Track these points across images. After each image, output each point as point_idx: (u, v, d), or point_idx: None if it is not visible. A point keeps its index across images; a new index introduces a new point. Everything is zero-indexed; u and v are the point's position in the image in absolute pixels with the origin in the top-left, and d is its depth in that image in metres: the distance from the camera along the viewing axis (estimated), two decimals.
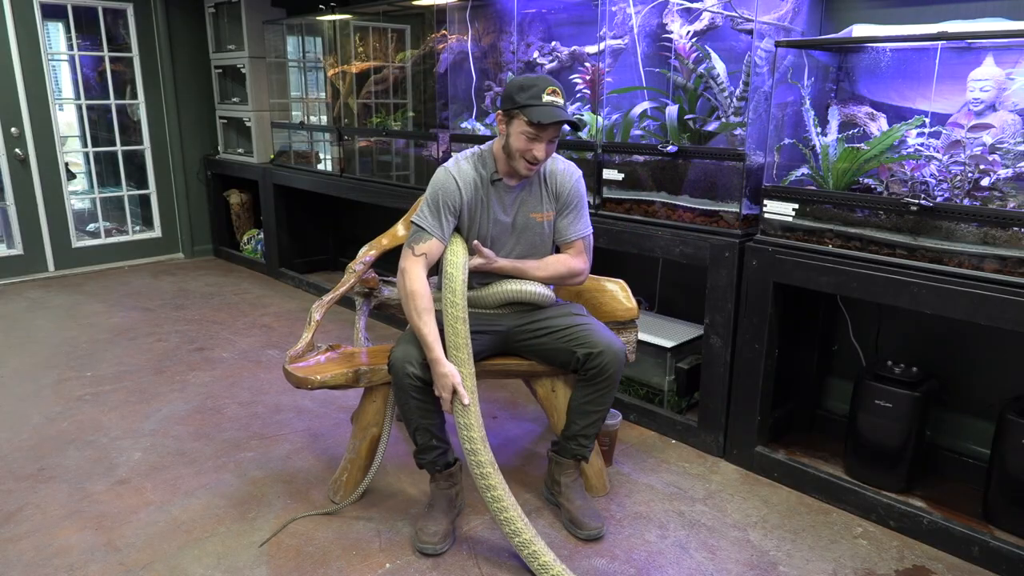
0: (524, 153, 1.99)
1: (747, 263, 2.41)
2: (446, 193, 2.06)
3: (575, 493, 2.21)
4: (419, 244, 2.04)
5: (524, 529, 1.93)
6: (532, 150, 1.98)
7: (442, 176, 2.08)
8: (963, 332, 2.41)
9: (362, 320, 2.64)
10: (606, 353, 2.05)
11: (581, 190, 2.19)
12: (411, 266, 2.03)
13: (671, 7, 2.76)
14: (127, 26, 5.10)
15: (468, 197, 2.08)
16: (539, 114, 1.92)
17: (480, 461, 1.97)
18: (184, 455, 2.61)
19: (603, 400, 2.12)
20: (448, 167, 2.09)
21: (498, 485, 1.96)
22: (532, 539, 1.92)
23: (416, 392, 1.99)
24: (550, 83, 1.97)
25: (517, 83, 1.99)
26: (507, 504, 1.95)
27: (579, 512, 2.16)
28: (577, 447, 2.18)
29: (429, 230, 2.04)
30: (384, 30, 4.39)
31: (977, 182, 2.03)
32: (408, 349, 2.00)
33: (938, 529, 2.11)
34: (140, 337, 3.83)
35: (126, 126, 5.42)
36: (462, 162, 2.11)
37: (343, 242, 5.39)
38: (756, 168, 2.49)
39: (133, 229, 5.51)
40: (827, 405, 2.82)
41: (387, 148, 4.20)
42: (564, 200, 2.16)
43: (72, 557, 2.03)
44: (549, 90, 1.95)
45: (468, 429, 1.97)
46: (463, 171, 2.08)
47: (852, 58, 2.48)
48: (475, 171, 2.10)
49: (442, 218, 2.05)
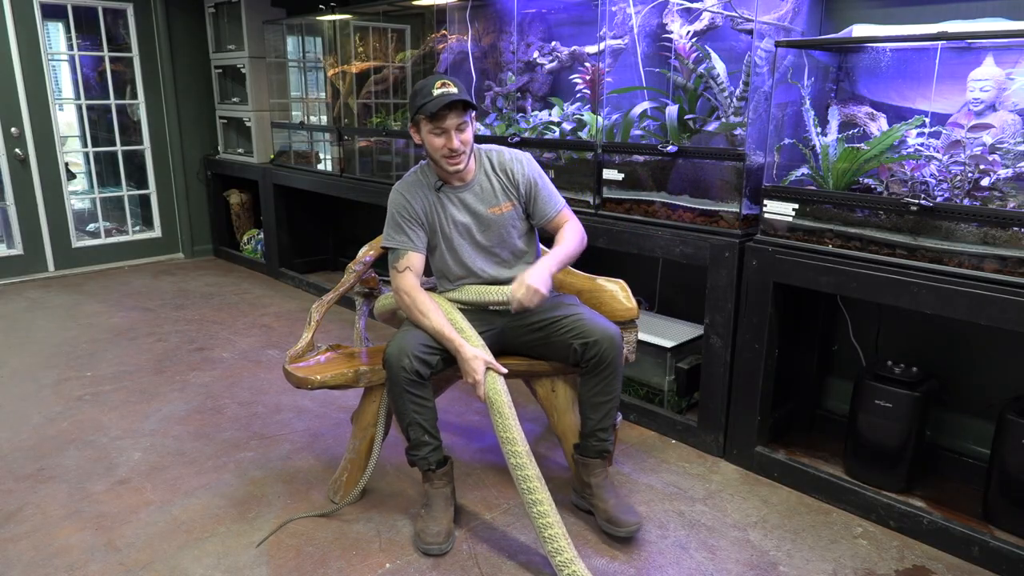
0: (440, 151, 2.06)
1: (747, 263, 2.41)
2: (398, 207, 2.17)
3: (607, 492, 2.16)
4: (398, 261, 2.16)
5: (567, 548, 1.88)
6: (445, 144, 2.05)
7: (392, 196, 2.20)
8: (963, 332, 2.41)
9: (362, 320, 2.64)
10: (602, 341, 2.05)
11: (535, 170, 2.24)
12: (401, 280, 2.14)
13: (671, 7, 2.76)
14: (127, 26, 5.10)
15: (420, 204, 2.17)
16: (431, 106, 1.99)
17: (527, 475, 1.92)
18: (184, 455, 2.61)
19: (610, 389, 2.11)
20: (395, 186, 2.21)
21: (544, 500, 1.91)
22: (573, 559, 1.86)
23: (410, 386, 2.00)
24: (438, 77, 2.05)
25: (412, 93, 2.09)
26: (552, 521, 1.90)
27: (615, 510, 2.12)
28: (597, 442, 2.15)
29: (400, 246, 2.16)
30: (384, 30, 4.39)
31: (977, 182, 2.03)
32: (403, 344, 2.01)
33: (938, 529, 2.10)
34: (140, 337, 3.83)
35: (126, 126, 5.43)
36: (407, 177, 2.22)
37: (343, 242, 5.39)
38: (756, 168, 2.49)
39: (133, 229, 5.51)
40: (827, 405, 2.82)
41: (387, 148, 4.20)
42: (525, 188, 2.22)
43: (72, 557, 2.03)
44: (438, 84, 2.02)
45: (512, 443, 1.94)
46: (408, 184, 2.19)
47: (852, 58, 2.48)
48: (420, 181, 2.20)
49: (406, 230, 2.16)
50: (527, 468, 1.93)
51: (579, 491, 2.25)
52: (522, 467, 1.93)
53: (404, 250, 2.14)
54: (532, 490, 1.92)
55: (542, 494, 1.92)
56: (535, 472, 1.93)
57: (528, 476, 1.92)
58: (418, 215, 2.16)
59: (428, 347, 2.04)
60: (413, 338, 2.04)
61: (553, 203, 2.24)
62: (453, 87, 2.02)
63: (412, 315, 2.10)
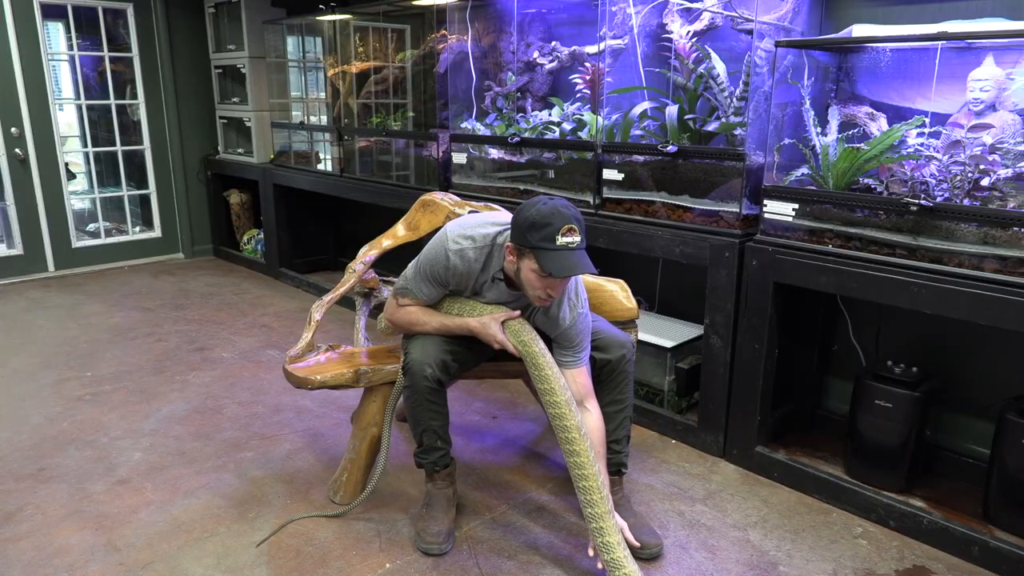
0: (536, 290, 1.84)
1: (747, 263, 2.41)
2: (436, 270, 1.97)
3: (624, 511, 2.09)
4: (404, 298, 2.07)
5: (599, 502, 1.81)
6: (546, 289, 1.82)
7: (442, 258, 1.95)
8: (963, 332, 2.41)
9: (362, 320, 2.64)
10: (616, 361, 2.04)
11: (579, 329, 1.98)
12: (398, 313, 2.08)
13: (671, 7, 2.76)
14: (127, 26, 5.10)
15: (456, 282, 2.00)
16: (552, 265, 1.74)
17: (566, 425, 1.86)
18: (184, 455, 2.61)
19: (623, 398, 2.09)
20: (450, 249, 1.93)
21: (583, 452, 1.84)
22: (604, 514, 1.81)
23: (430, 394, 1.99)
24: (566, 221, 1.74)
25: (527, 220, 1.77)
26: (588, 473, 1.84)
27: (634, 530, 2.00)
28: (612, 455, 2.10)
29: (416, 292, 2.04)
30: (384, 30, 4.39)
31: (977, 182, 2.03)
32: (426, 350, 1.99)
33: (938, 529, 2.10)
34: (140, 337, 3.83)
35: (126, 126, 5.42)
36: (468, 251, 1.94)
37: (343, 242, 5.39)
38: (756, 168, 2.49)
39: (133, 229, 5.51)
40: (827, 405, 2.82)
41: (387, 148, 4.20)
42: (559, 340, 2.00)
43: (72, 557, 2.03)
44: (565, 229, 1.74)
45: (551, 393, 1.88)
46: (465, 258, 1.94)
47: (852, 58, 2.48)
48: (479, 261, 1.95)
49: (429, 288, 2.02)
50: (567, 418, 1.87)
51: None
52: (561, 417, 1.87)
53: (416, 296, 2.04)
54: (571, 440, 1.86)
55: (581, 444, 1.86)
56: (575, 422, 1.87)
57: (568, 427, 1.86)
58: (446, 283, 2.00)
59: (449, 350, 2.02)
60: (434, 343, 2.01)
61: (571, 359, 2.01)
62: (578, 235, 1.76)
63: (413, 331, 2.07)
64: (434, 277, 2.00)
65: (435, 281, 2.01)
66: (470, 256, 1.94)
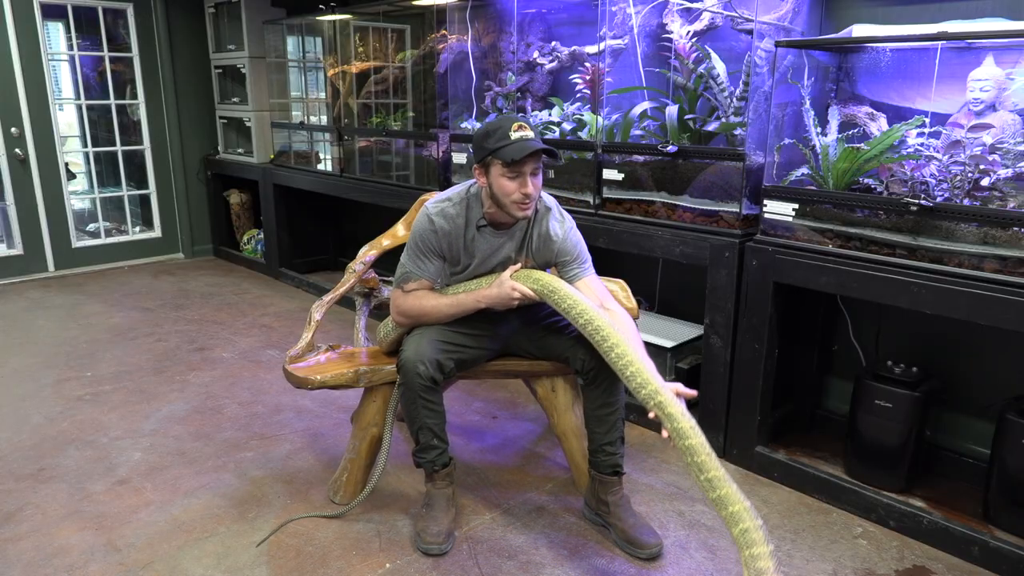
0: (512, 195, 1.94)
1: (747, 263, 2.41)
2: (423, 237, 2.06)
3: (624, 512, 2.12)
4: (408, 283, 2.09)
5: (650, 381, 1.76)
6: (519, 188, 1.94)
7: (421, 219, 2.08)
8: (963, 332, 2.41)
9: (362, 320, 2.64)
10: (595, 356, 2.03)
11: (573, 239, 2.10)
12: (405, 300, 2.09)
13: (671, 7, 2.76)
14: (127, 26, 5.10)
15: (447, 241, 2.06)
16: (511, 152, 1.88)
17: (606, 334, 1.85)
18: (184, 455, 2.61)
19: (614, 400, 2.08)
20: (431, 213, 2.06)
21: (628, 352, 1.81)
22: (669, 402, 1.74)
23: (424, 392, 1.99)
24: (513, 120, 1.94)
25: (481, 132, 1.97)
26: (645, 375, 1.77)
27: (633, 531, 2.07)
28: (606, 456, 2.10)
29: (415, 271, 2.08)
30: (384, 30, 4.39)
31: (977, 182, 2.03)
32: (420, 348, 1.99)
33: (938, 529, 2.10)
34: (140, 337, 3.83)
35: (126, 126, 5.43)
36: (447, 204, 2.07)
37: (343, 242, 5.39)
38: (756, 168, 2.49)
39: (133, 229, 5.51)
40: (827, 405, 2.82)
41: (387, 148, 4.20)
42: (555, 254, 2.09)
43: (72, 557, 2.03)
44: (515, 127, 1.91)
45: (584, 313, 1.89)
46: (445, 215, 2.05)
47: (852, 58, 2.48)
48: (460, 214, 2.06)
49: (426, 261, 2.07)
50: (596, 320, 1.87)
51: (594, 507, 2.19)
52: (590, 321, 1.88)
53: (417, 275, 2.08)
54: (606, 337, 1.85)
55: (615, 337, 1.84)
56: (603, 321, 1.87)
57: (599, 327, 1.86)
58: (440, 250, 2.07)
59: (445, 349, 2.02)
60: (429, 341, 2.01)
61: (577, 270, 2.11)
62: (530, 131, 1.93)
63: (425, 321, 2.07)
64: (426, 247, 2.06)
65: (429, 251, 2.07)
66: (451, 212, 2.06)
